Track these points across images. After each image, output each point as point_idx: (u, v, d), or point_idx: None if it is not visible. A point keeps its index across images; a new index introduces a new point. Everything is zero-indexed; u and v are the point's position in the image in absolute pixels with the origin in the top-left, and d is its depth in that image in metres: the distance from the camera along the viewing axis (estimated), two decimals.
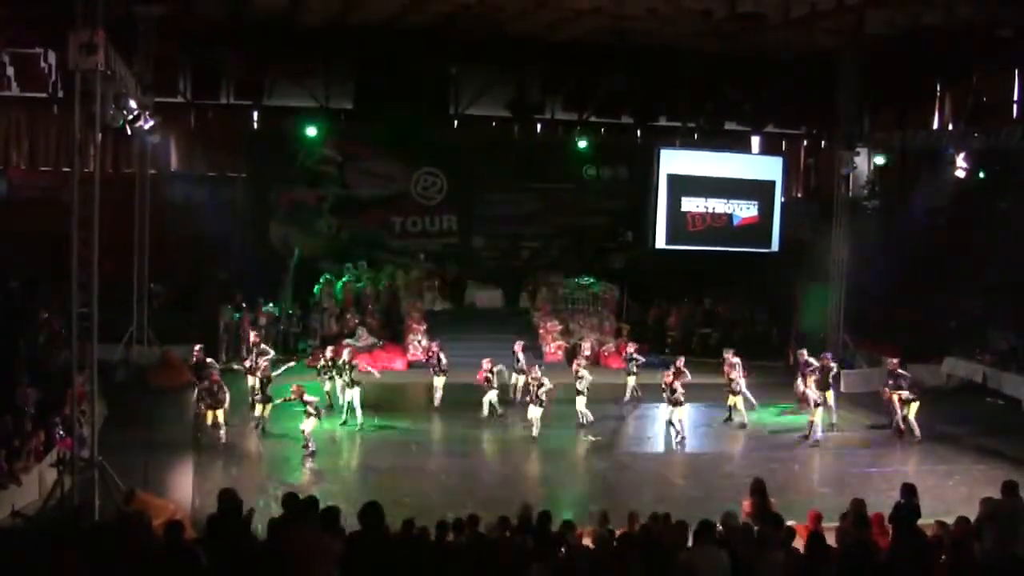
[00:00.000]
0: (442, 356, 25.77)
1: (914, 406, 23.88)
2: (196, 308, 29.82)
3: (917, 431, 23.65)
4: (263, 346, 24.21)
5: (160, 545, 10.46)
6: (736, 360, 25.39)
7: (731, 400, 24.96)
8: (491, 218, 35.30)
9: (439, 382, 25.64)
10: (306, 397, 21.30)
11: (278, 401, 22.13)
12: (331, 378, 23.96)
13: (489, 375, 24.77)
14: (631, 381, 26.68)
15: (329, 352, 24.52)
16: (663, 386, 23.77)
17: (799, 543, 12.26)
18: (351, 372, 23.51)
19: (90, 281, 16.41)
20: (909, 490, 13.82)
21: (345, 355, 24.05)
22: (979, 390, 29.27)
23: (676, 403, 23.06)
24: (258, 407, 22.37)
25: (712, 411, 25.63)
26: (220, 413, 21.39)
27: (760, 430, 24.38)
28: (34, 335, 23.84)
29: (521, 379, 25.93)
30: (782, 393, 26.26)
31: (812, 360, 24.89)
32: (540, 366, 25.13)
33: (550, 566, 10.83)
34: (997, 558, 12.29)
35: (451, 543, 12.01)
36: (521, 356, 26.39)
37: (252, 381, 23.20)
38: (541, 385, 23.17)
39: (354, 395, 23.29)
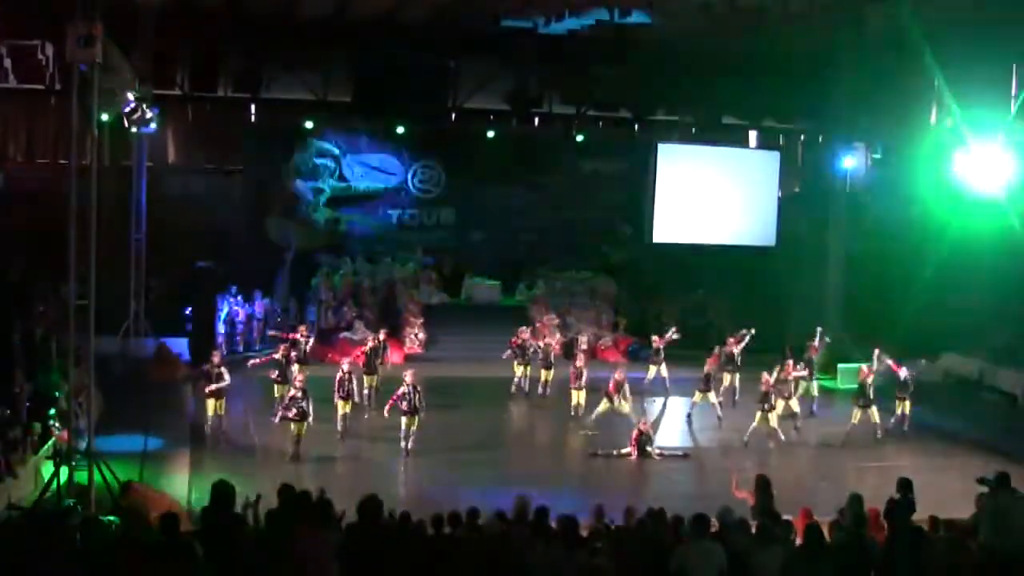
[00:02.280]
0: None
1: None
2: (193, 301, 29.78)
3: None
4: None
5: (156, 537, 10.46)
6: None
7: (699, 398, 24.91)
8: (489, 211, 35.29)
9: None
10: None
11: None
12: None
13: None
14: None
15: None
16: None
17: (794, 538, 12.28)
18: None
19: (87, 274, 16.39)
20: (905, 485, 13.83)
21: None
22: (976, 385, 29.31)
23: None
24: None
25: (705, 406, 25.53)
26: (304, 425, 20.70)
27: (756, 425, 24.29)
28: (31, 328, 23.80)
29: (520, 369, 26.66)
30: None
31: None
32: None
33: (550, 557, 10.83)
34: (993, 553, 12.32)
35: (448, 536, 12.01)
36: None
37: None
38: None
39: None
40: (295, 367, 23.01)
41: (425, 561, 11.12)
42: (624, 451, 21.69)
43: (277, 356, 23.31)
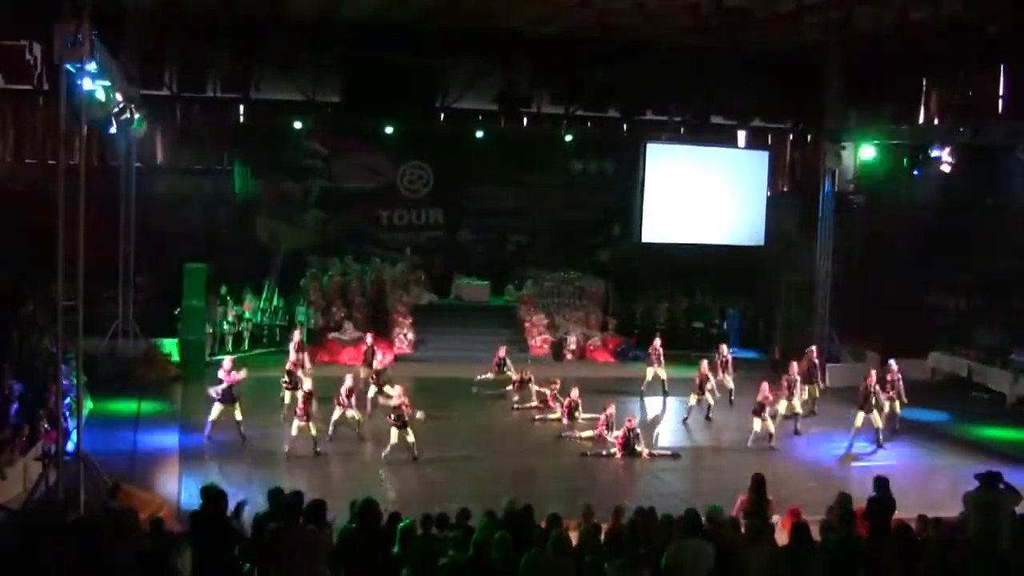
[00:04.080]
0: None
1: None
2: (181, 301, 29.71)
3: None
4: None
5: (145, 539, 10.45)
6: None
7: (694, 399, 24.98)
8: (478, 212, 35.33)
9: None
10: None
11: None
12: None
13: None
14: None
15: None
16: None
17: (782, 537, 12.31)
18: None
19: (76, 274, 16.35)
20: (882, 483, 13.87)
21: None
22: (964, 384, 29.40)
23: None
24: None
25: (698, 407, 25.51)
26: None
27: (746, 424, 24.26)
28: (20, 328, 23.76)
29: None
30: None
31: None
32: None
33: (544, 557, 10.83)
34: (980, 551, 12.35)
35: (439, 537, 12.01)
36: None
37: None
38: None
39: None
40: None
41: (414, 562, 11.11)
42: (611, 451, 21.72)
43: (288, 365, 23.55)
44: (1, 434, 17.83)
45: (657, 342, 27.28)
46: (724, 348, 26.91)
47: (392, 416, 20.72)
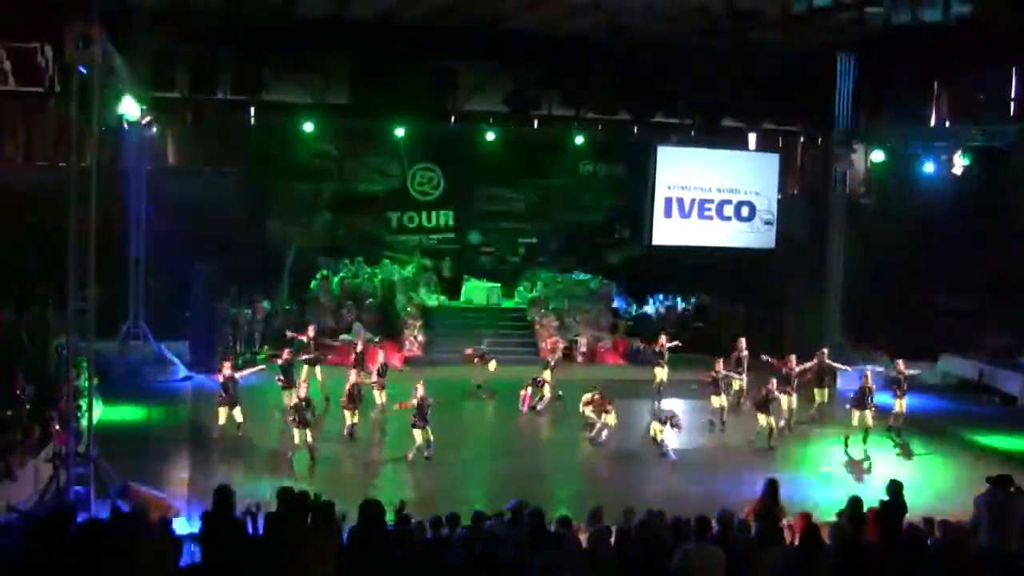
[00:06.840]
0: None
1: None
2: (192, 303, 29.76)
3: None
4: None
5: (155, 540, 10.45)
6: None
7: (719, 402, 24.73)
8: (488, 214, 35.37)
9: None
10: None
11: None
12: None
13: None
14: None
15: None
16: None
17: (792, 540, 12.29)
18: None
19: (87, 276, 16.38)
20: (896, 487, 13.85)
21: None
22: (975, 387, 29.33)
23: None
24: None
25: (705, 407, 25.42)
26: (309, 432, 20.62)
27: (754, 426, 24.19)
28: (32, 330, 23.81)
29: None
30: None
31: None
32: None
33: (549, 560, 10.82)
34: (991, 554, 12.32)
35: (447, 537, 12.01)
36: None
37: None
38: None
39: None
40: (304, 369, 23.93)
41: (423, 563, 11.12)
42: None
43: (280, 361, 23.55)
44: (12, 435, 17.87)
45: (663, 339, 27.09)
46: (742, 342, 26.68)
47: (415, 416, 20.68)
